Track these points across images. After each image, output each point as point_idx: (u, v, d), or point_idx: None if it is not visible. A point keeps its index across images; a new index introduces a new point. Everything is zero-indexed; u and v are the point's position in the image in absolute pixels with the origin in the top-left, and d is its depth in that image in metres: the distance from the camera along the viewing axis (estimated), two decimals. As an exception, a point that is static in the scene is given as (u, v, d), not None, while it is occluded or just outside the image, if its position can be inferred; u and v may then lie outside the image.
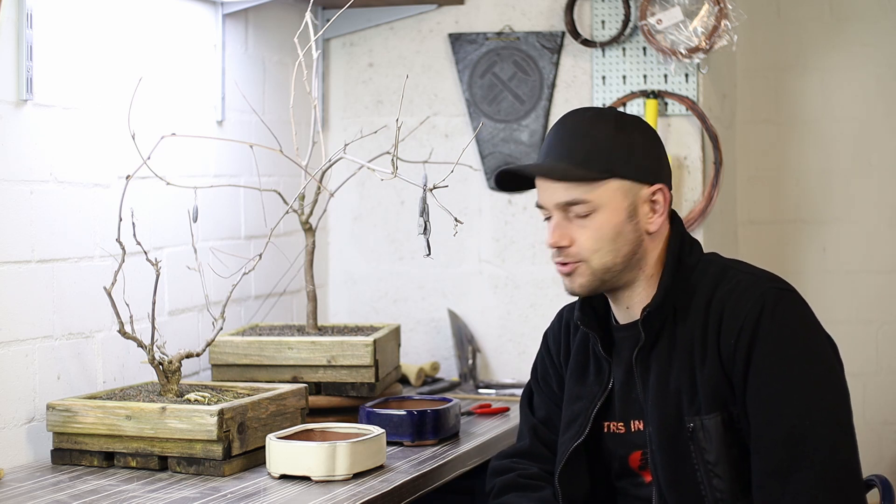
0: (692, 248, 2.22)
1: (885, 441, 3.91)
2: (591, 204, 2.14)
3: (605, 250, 2.14)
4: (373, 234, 3.72)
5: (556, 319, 2.41)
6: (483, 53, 3.59)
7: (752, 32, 3.84)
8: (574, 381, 2.31)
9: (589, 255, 2.15)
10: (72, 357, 2.62)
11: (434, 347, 3.67)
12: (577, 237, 2.15)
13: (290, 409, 2.58)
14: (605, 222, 2.14)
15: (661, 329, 2.17)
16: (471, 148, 3.57)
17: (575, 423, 2.27)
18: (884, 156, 3.91)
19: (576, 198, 2.14)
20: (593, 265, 2.15)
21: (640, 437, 2.20)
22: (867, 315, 3.91)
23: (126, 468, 2.43)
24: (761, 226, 3.99)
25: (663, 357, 2.15)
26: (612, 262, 2.15)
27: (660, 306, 2.15)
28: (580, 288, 2.18)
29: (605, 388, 2.24)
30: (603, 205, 2.14)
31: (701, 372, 2.11)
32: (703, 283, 2.16)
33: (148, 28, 2.89)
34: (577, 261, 2.16)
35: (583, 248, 2.15)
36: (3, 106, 2.44)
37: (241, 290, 3.17)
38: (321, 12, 3.57)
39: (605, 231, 2.14)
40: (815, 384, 2.05)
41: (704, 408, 2.10)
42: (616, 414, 2.23)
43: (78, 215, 2.64)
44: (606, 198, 2.14)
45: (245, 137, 3.23)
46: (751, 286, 2.12)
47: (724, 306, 2.11)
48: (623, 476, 2.25)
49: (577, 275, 2.17)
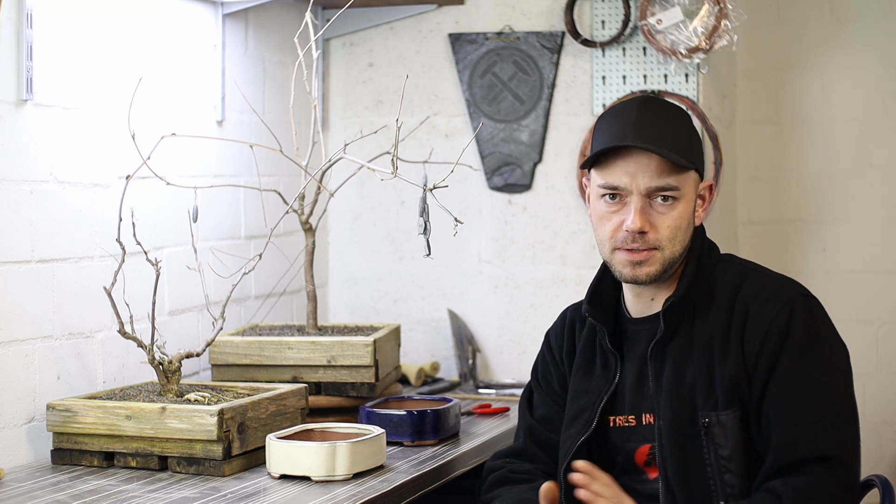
0: (711, 248, 2.28)
1: (885, 441, 3.91)
2: (679, 192, 2.18)
3: (678, 240, 2.19)
4: (373, 234, 3.72)
5: (560, 319, 2.43)
6: (483, 53, 3.59)
7: (752, 32, 3.83)
8: (580, 376, 2.32)
9: (665, 244, 2.18)
10: (72, 357, 2.62)
11: (434, 347, 3.67)
12: (658, 224, 2.18)
13: (290, 409, 2.58)
14: (684, 212, 2.19)
15: (679, 323, 2.19)
16: (471, 148, 3.57)
17: (580, 417, 2.28)
18: (884, 156, 3.91)
19: (670, 184, 2.17)
20: (666, 254, 2.19)
21: (650, 431, 2.21)
22: (867, 315, 3.91)
23: (126, 468, 2.43)
24: (761, 226, 3.99)
25: (680, 351, 2.18)
26: (681, 252, 2.21)
27: (682, 299, 2.18)
28: (647, 276, 2.20)
29: (612, 382, 2.25)
30: (685, 195, 2.19)
31: (721, 368, 2.14)
32: (724, 281, 2.21)
33: (148, 28, 2.89)
34: (652, 248, 2.18)
35: (662, 235, 2.18)
36: (3, 106, 2.44)
37: (241, 290, 3.17)
38: (321, 12, 3.56)
39: (682, 220, 2.19)
40: (834, 391, 2.12)
41: (722, 403, 2.13)
42: (626, 407, 2.24)
43: (78, 215, 2.64)
44: (688, 188, 2.20)
45: (245, 137, 3.23)
46: (778, 290, 2.17)
47: (748, 307, 2.15)
48: (626, 472, 2.25)
49: (649, 263, 2.18)
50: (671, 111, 2.24)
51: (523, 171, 3.56)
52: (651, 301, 2.25)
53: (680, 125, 2.22)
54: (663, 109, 2.24)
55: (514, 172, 3.57)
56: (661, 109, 2.23)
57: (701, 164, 2.23)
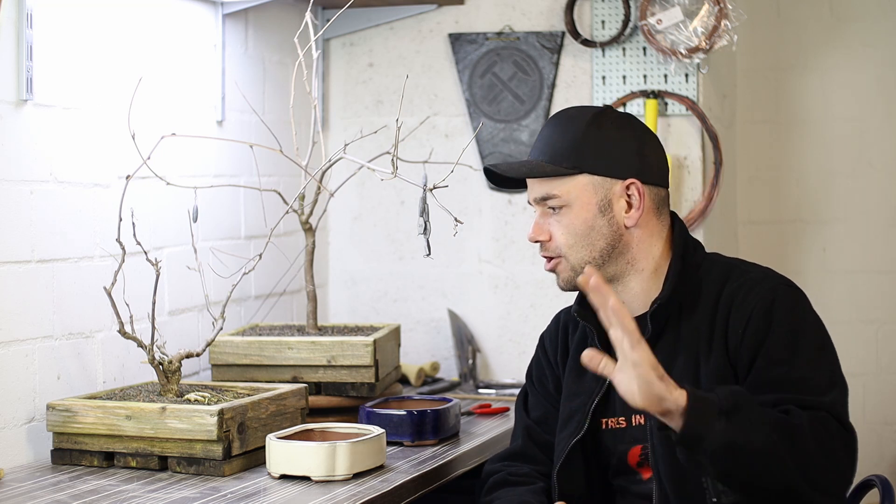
0: (696, 247, 2.26)
1: (885, 441, 3.91)
2: (561, 199, 2.20)
3: (580, 245, 2.20)
4: (373, 234, 3.72)
5: (553, 322, 2.44)
6: (483, 53, 3.59)
7: (752, 32, 3.83)
8: (572, 378, 2.32)
9: (566, 251, 2.21)
10: (72, 357, 2.62)
11: (434, 347, 3.67)
12: (554, 232, 2.22)
13: (290, 409, 2.58)
14: (576, 217, 2.20)
15: (665, 324, 2.19)
16: (471, 148, 3.57)
17: (573, 419, 2.28)
18: (884, 156, 3.91)
19: (547, 192, 2.21)
20: (571, 260, 2.21)
21: (641, 432, 2.21)
22: (867, 315, 3.91)
23: (126, 468, 2.43)
24: (761, 226, 3.99)
25: (667, 352, 2.17)
26: (590, 257, 2.20)
27: (668, 300, 2.18)
28: (565, 283, 2.24)
29: (603, 383, 2.24)
30: (573, 200, 2.20)
31: (706, 365, 2.13)
32: (709, 280, 2.20)
33: (148, 28, 2.89)
34: (556, 256, 2.22)
35: (559, 242, 2.21)
36: (3, 106, 2.44)
37: (241, 290, 3.17)
38: (321, 12, 3.57)
39: (576, 225, 2.20)
40: (822, 356, 2.10)
41: None
42: (616, 409, 2.24)
43: (78, 215, 2.64)
44: (576, 193, 2.20)
45: (245, 137, 3.23)
46: (760, 281, 2.16)
47: (732, 300, 2.15)
48: (620, 473, 2.26)
49: (560, 270, 2.23)
50: (563, 119, 2.24)
51: (523, 171, 3.56)
52: (623, 304, 2.23)
53: (566, 132, 2.21)
54: (557, 119, 2.26)
55: (514, 172, 3.56)
56: (555, 120, 2.26)
57: (602, 166, 2.18)
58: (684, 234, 2.25)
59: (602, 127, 2.21)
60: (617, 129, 2.22)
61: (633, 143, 2.23)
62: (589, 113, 2.24)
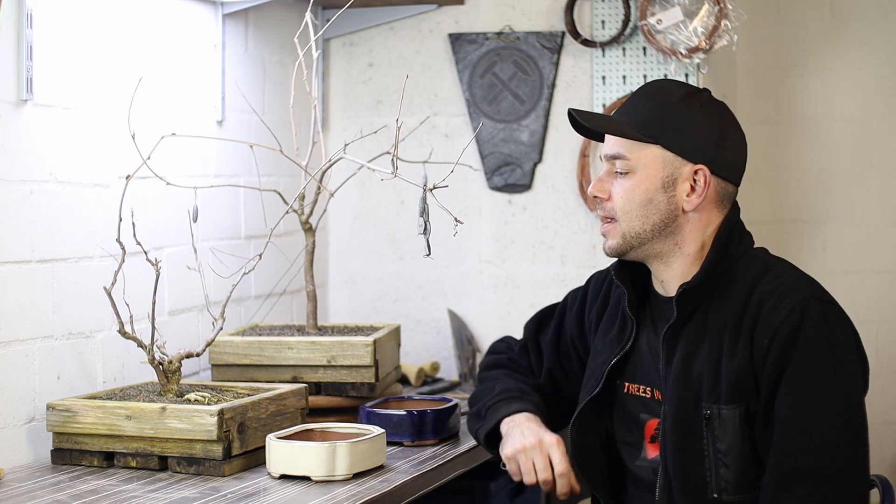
0: (741, 239, 2.25)
1: (885, 441, 3.91)
2: (629, 163, 2.19)
3: (635, 213, 2.20)
4: (373, 234, 3.72)
5: (606, 271, 2.44)
6: (483, 53, 3.59)
7: (752, 32, 3.83)
8: (601, 335, 2.36)
9: (620, 215, 2.21)
10: (72, 357, 2.62)
11: (434, 347, 3.67)
12: (614, 193, 2.21)
13: (290, 409, 2.58)
14: (639, 185, 2.19)
15: (694, 311, 2.19)
16: (471, 148, 3.57)
17: (593, 377, 2.32)
18: (884, 156, 3.91)
19: (618, 152, 2.21)
20: (623, 227, 2.21)
21: (659, 408, 2.22)
22: (867, 315, 3.90)
23: (126, 468, 2.43)
24: (761, 226, 3.99)
25: (692, 339, 2.18)
26: (641, 228, 2.20)
27: (697, 287, 2.17)
28: (610, 249, 2.24)
29: (623, 346, 2.27)
30: (640, 168, 2.19)
31: (728, 362, 2.13)
32: (746, 275, 2.19)
33: (148, 28, 2.89)
34: (611, 217, 2.22)
35: (616, 205, 2.21)
36: (3, 106, 2.44)
37: (241, 290, 3.17)
38: (321, 12, 3.57)
39: (636, 193, 2.19)
40: (844, 403, 2.13)
41: (725, 398, 2.12)
42: (642, 378, 2.26)
43: (78, 215, 2.64)
44: (645, 161, 2.19)
45: (245, 137, 3.23)
46: (793, 290, 2.14)
47: (762, 304, 2.13)
48: (629, 442, 2.28)
49: (611, 235, 2.23)
50: (657, 88, 2.25)
51: (523, 171, 3.56)
52: (661, 283, 2.26)
53: (655, 101, 2.22)
54: (652, 87, 2.27)
55: (514, 172, 3.57)
56: (651, 87, 2.27)
57: (678, 144, 2.18)
58: (732, 225, 2.23)
59: (690, 106, 2.20)
60: (704, 113, 2.21)
61: (715, 130, 2.21)
62: (683, 90, 2.23)
